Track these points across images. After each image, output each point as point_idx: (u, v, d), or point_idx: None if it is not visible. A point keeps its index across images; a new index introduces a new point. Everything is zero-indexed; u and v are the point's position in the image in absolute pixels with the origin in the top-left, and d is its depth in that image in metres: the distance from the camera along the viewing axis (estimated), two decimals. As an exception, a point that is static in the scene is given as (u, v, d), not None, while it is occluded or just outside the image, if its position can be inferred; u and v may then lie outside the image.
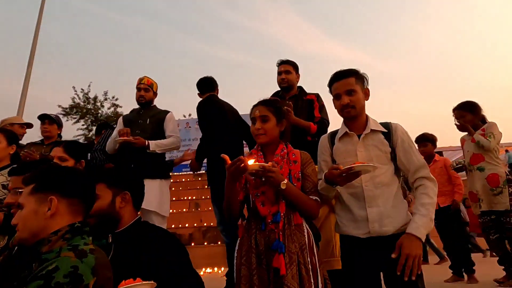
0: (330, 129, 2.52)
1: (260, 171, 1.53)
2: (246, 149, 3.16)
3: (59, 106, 13.35)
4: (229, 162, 1.55)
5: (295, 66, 3.05)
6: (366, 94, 1.81)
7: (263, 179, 1.57)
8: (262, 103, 1.78)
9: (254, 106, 1.79)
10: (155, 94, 3.17)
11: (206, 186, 7.23)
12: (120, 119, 3.14)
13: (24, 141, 3.59)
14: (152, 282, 1.16)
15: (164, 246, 1.38)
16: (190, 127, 10.97)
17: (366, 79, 1.83)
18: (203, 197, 8.52)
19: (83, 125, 13.57)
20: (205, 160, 3.08)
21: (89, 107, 13.69)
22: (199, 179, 9.79)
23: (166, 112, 3.10)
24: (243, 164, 1.50)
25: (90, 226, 1.19)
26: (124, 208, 1.45)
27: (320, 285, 1.54)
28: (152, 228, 1.52)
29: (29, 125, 3.71)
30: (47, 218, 1.09)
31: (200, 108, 3.05)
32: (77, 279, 0.93)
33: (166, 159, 3.25)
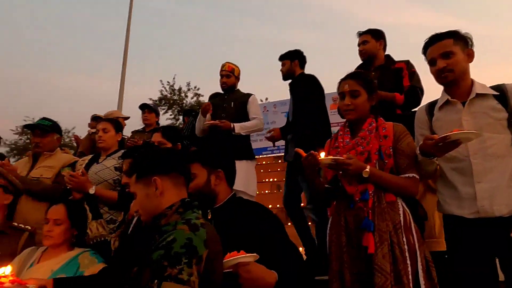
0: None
1: (333, 164, 1.49)
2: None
3: (150, 99, 14.68)
4: (304, 155, 1.54)
5: (374, 34, 2.77)
6: (470, 56, 1.59)
7: (340, 172, 1.52)
8: (352, 76, 1.68)
9: (343, 80, 1.69)
10: (237, 78, 3.26)
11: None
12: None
13: (125, 131, 4.09)
14: (255, 254, 1.22)
15: (262, 219, 1.43)
16: (267, 111, 11.09)
17: (470, 39, 1.61)
18: (283, 179, 8.60)
19: (170, 115, 14.77)
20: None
21: (175, 98, 14.81)
22: (279, 161, 9.93)
23: (249, 95, 3.17)
24: (314, 159, 1.49)
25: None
26: (219, 185, 1.54)
27: (420, 266, 1.44)
28: (248, 203, 1.59)
29: (127, 118, 4.23)
30: (158, 196, 1.20)
31: (307, 81, 2.96)
32: (192, 250, 1.01)
33: None
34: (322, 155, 1.49)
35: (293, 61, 3.06)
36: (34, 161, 2.51)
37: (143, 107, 3.67)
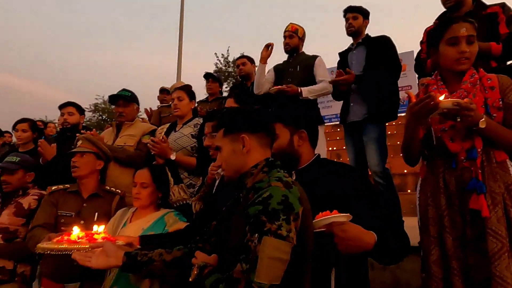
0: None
1: (454, 109, 1.29)
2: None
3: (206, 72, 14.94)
4: (414, 99, 1.38)
5: None
6: None
7: (458, 119, 1.33)
8: (466, 19, 1.46)
9: (455, 22, 1.47)
10: (302, 40, 3.11)
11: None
12: (271, 69, 3.22)
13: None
14: (348, 214, 1.17)
15: (347, 179, 1.36)
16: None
17: None
18: (343, 147, 8.41)
19: (226, 87, 14.94)
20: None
21: (230, 70, 14.89)
22: (338, 130, 9.66)
23: (315, 57, 3.02)
24: (433, 102, 1.30)
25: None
26: (302, 146, 1.49)
27: None
28: (333, 163, 1.53)
29: None
30: (244, 154, 1.19)
31: (387, 43, 2.83)
32: (289, 207, 1.00)
33: None
34: (442, 97, 1.32)
35: (365, 19, 2.89)
36: (118, 130, 2.69)
37: (207, 76, 3.71)
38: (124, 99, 2.63)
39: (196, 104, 3.78)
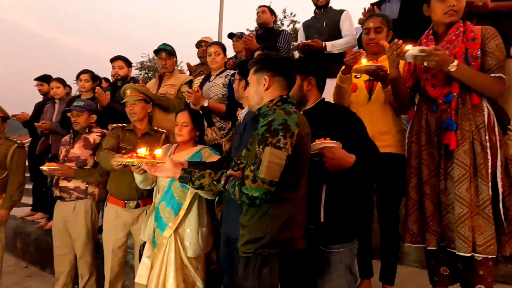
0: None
1: (419, 56, 1.51)
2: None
3: (247, 29, 14.90)
4: (387, 46, 1.58)
5: None
6: None
7: (425, 63, 1.54)
8: None
9: None
10: None
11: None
12: (300, 26, 3.40)
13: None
14: (339, 142, 1.48)
15: (345, 119, 1.65)
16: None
17: None
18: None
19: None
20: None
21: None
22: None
23: (341, 11, 3.13)
24: (398, 48, 1.55)
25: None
26: (310, 91, 1.77)
27: (499, 163, 1.51)
28: (334, 105, 1.80)
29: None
30: (264, 91, 1.50)
31: None
32: (287, 128, 1.31)
33: None
34: (409, 47, 1.53)
35: None
36: (160, 81, 3.12)
37: (231, 36, 3.92)
38: (167, 52, 3.02)
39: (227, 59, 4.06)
